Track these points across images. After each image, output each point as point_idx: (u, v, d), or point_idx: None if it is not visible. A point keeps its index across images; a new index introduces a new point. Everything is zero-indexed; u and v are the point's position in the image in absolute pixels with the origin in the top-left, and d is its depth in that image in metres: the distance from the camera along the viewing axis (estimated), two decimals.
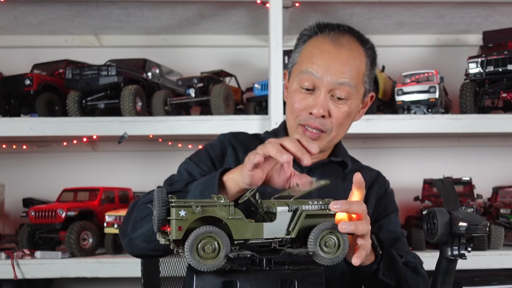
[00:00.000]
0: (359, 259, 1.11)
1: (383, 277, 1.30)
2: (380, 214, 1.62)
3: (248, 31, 3.14)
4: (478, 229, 1.09)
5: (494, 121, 2.59)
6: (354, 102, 1.53)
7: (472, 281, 2.58)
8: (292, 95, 1.54)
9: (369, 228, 1.14)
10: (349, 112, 1.52)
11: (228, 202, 1.00)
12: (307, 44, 1.55)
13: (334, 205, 1.07)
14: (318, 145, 1.51)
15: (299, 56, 1.56)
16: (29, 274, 2.43)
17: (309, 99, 1.50)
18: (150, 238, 1.28)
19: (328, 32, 1.53)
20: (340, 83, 1.48)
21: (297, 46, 1.59)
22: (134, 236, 1.32)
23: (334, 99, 1.50)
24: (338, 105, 1.50)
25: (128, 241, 1.35)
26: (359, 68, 1.51)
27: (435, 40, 3.25)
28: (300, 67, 1.53)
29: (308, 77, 1.49)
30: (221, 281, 1.02)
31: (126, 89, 2.56)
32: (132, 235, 1.33)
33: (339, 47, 1.50)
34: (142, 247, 1.33)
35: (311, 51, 1.52)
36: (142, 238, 1.30)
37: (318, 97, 1.49)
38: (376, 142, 3.17)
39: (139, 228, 1.31)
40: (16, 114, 2.76)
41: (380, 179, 1.70)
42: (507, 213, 2.58)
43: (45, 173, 3.15)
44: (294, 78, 1.55)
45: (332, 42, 1.50)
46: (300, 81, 1.51)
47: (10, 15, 2.88)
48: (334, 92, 1.49)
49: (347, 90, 1.49)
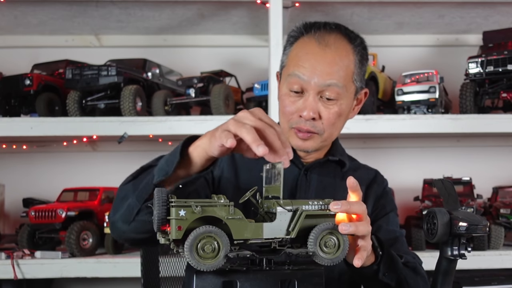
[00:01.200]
0: (361, 260, 1.11)
1: (383, 278, 1.30)
2: (379, 214, 1.61)
3: (248, 31, 3.14)
4: (478, 229, 1.09)
5: (494, 121, 2.59)
6: (344, 102, 1.51)
7: (472, 281, 2.58)
8: (282, 99, 1.53)
9: (370, 229, 1.13)
10: (340, 112, 1.50)
11: (228, 202, 1.00)
12: (294, 46, 1.54)
13: (334, 206, 1.06)
14: (312, 144, 1.52)
15: (287, 58, 1.55)
16: (29, 274, 2.43)
17: (298, 102, 1.49)
18: (127, 218, 1.26)
19: (314, 32, 1.51)
20: (328, 84, 1.46)
21: (285, 48, 1.58)
22: (115, 219, 1.31)
23: (323, 100, 1.48)
24: (328, 106, 1.48)
25: (111, 225, 1.35)
26: (347, 68, 1.49)
27: (435, 40, 3.25)
28: (288, 70, 1.51)
29: (295, 80, 1.48)
30: (221, 281, 1.02)
31: (126, 89, 2.56)
32: (113, 218, 1.32)
33: (325, 48, 1.47)
34: (124, 230, 1.30)
35: (298, 53, 1.51)
36: (122, 220, 1.29)
37: (307, 99, 1.47)
38: (376, 142, 3.17)
39: (118, 210, 1.29)
40: (16, 114, 2.76)
41: (378, 178, 1.70)
42: (507, 213, 2.58)
43: (45, 173, 3.15)
44: (283, 81, 1.54)
45: (317, 42, 1.48)
46: (289, 84, 1.49)
47: (10, 15, 2.88)
48: (323, 94, 1.47)
49: (335, 91, 1.47)
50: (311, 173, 1.58)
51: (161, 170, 1.21)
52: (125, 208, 1.27)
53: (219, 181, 1.59)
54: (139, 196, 1.24)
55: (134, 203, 1.25)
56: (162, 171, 1.20)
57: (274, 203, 1.05)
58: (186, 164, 1.21)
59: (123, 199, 1.29)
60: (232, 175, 1.59)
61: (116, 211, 1.31)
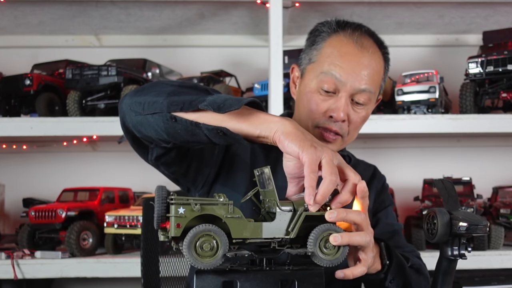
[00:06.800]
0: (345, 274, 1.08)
1: (390, 285, 1.28)
2: (378, 208, 1.61)
3: (248, 31, 3.15)
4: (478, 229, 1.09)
5: (494, 121, 2.59)
6: (370, 107, 1.49)
7: (472, 281, 2.58)
8: (310, 96, 1.46)
9: (368, 240, 1.08)
10: (366, 117, 1.48)
11: (228, 201, 1.00)
12: (328, 43, 1.46)
13: (330, 215, 1.02)
14: (334, 147, 1.47)
15: (318, 54, 1.47)
16: (29, 274, 2.43)
17: (329, 101, 1.43)
18: (140, 110, 1.16)
19: (352, 32, 1.45)
20: (363, 89, 1.42)
21: (315, 43, 1.49)
22: (129, 102, 1.20)
23: (353, 104, 1.44)
24: (357, 110, 1.45)
25: (121, 103, 1.24)
26: (379, 74, 1.47)
27: (435, 40, 3.25)
28: (321, 68, 1.44)
29: (330, 79, 1.41)
30: (221, 281, 1.02)
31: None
32: (127, 100, 1.21)
33: (363, 50, 1.43)
34: (127, 117, 1.21)
35: (333, 52, 1.44)
36: (132, 108, 1.19)
37: (339, 100, 1.42)
38: (376, 142, 3.17)
39: (137, 97, 1.19)
40: (16, 114, 2.76)
41: (377, 174, 1.70)
42: (507, 213, 2.58)
43: (45, 173, 3.15)
44: (312, 77, 1.46)
45: (355, 43, 1.43)
46: (321, 82, 1.43)
47: (10, 15, 2.88)
48: (355, 97, 1.43)
49: (367, 96, 1.44)
50: None
51: (214, 103, 1.07)
52: (148, 101, 1.16)
53: (233, 158, 1.51)
54: (173, 104, 1.12)
55: (162, 105, 1.14)
56: (215, 105, 1.07)
57: (274, 203, 1.05)
58: (240, 118, 1.09)
59: (154, 92, 1.18)
60: (248, 158, 1.52)
61: (134, 96, 1.21)
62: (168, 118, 1.13)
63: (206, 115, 1.11)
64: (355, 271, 1.10)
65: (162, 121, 1.14)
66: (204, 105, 1.08)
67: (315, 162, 1.01)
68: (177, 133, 1.15)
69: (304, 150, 1.02)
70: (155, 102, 1.16)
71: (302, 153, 1.02)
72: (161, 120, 1.14)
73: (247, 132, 1.09)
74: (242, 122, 1.09)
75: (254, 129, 1.08)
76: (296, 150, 1.03)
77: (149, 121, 1.17)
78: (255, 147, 1.53)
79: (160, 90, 1.19)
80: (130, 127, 1.24)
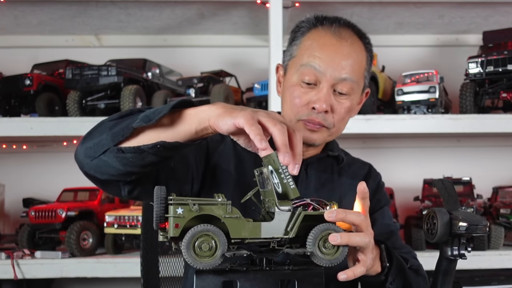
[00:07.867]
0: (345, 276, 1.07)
1: (390, 287, 1.28)
2: (374, 208, 1.59)
3: (248, 31, 3.14)
4: (478, 229, 1.09)
5: (494, 121, 2.59)
6: (355, 98, 1.49)
7: (472, 281, 2.58)
8: (291, 90, 1.47)
9: (368, 241, 1.09)
10: (351, 108, 1.48)
11: (226, 201, 1.00)
12: (307, 37, 1.48)
13: (329, 214, 1.03)
14: (319, 137, 1.47)
15: (298, 49, 1.49)
16: (29, 274, 2.43)
17: (310, 93, 1.44)
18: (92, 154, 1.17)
19: (329, 24, 1.47)
20: (343, 78, 1.42)
21: (295, 39, 1.51)
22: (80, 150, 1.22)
23: (336, 94, 1.44)
24: (340, 100, 1.45)
25: (75, 153, 1.25)
26: (360, 63, 1.47)
27: (435, 40, 3.25)
28: (301, 61, 1.45)
29: (309, 71, 1.42)
30: (221, 281, 1.02)
31: (126, 89, 2.56)
32: (78, 149, 1.23)
33: (341, 40, 1.44)
34: (84, 164, 1.23)
35: (312, 44, 1.45)
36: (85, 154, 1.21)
37: (321, 91, 1.42)
38: (376, 142, 3.17)
39: (87, 143, 1.20)
40: (16, 114, 2.76)
41: (373, 172, 1.69)
42: (507, 213, 2.58)
43: (45, 173, 3.15)
44: (293, 72, 1.48)
45: (334, 35, 1.44)
46: (301, 75, 1.44)
47: (10, 15, 2.88)
48: (336, 87, 1.43)
49: (349, 86, 1.44)
50: (310, 168, 1.55)
51: (145, 117, 1.11)
52: (95, 143, 1.18)
53: (214, 169, 1.51)
54: (114, 135, 1.15)
55: (107, 140, 1.16)
56: (146, 118, 1.10)
57: (273, 202, 1.04)
58: (174, 122, 1.11)
59: (98, 133, 1.21)
60: (232, 167, 1.51)
61: (84, 142, 1.22)
62: (116, 151, 1.14)
63: (144, 136, 1.13)
64: (356, 271, 1.10)
65: (113, 156, 1.15)
66: (137, 123, 1.11)
67: (251, 118, 1.02)
68: (131, 162, 1.14)
69: (236, 118, 1.03)
70: (101, 140, 1.17)
71: (236, 120, 1.03)
72: (112, 155, 1.15)
73: (184, 133, 1.10)
74: (176, 127, 1.11)
75: (189, 127, 1.10)
76: (230, 122, 1.04)
77: (104, 161, 1.17)
78: (239, 153, 1.52)
79: (103, 129, 1.20)
80: (92, 173, 1.25)
